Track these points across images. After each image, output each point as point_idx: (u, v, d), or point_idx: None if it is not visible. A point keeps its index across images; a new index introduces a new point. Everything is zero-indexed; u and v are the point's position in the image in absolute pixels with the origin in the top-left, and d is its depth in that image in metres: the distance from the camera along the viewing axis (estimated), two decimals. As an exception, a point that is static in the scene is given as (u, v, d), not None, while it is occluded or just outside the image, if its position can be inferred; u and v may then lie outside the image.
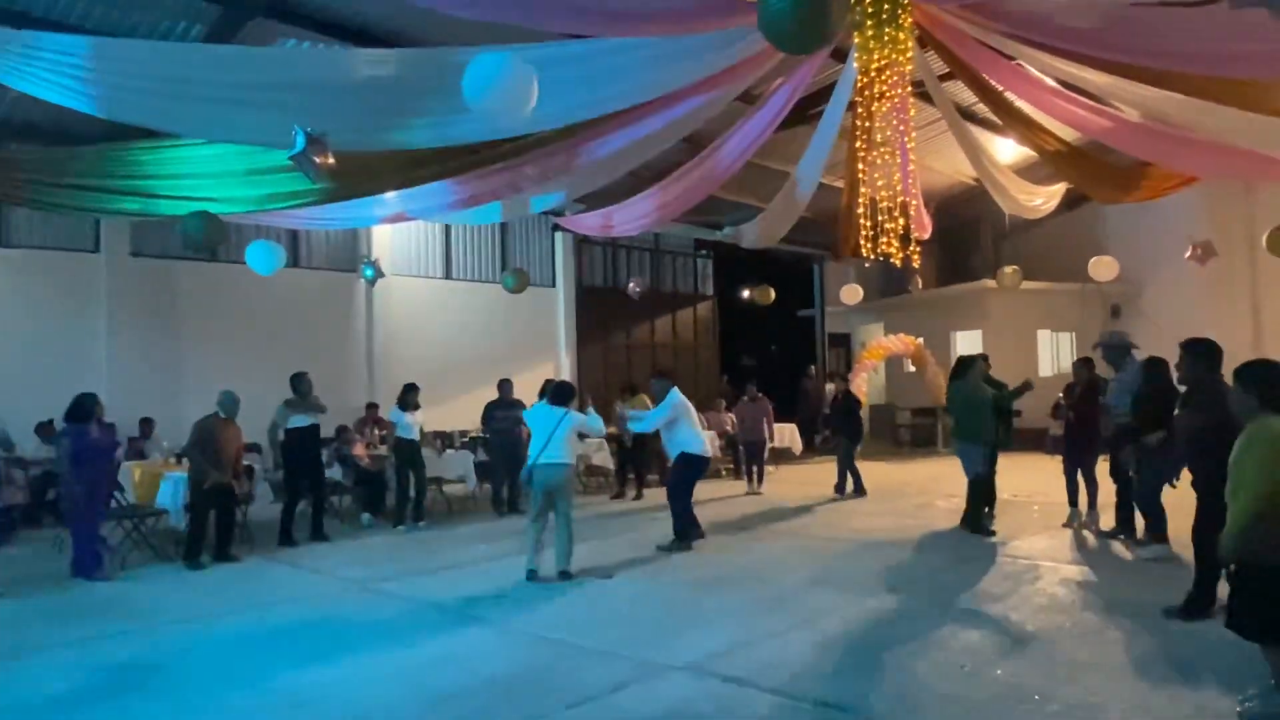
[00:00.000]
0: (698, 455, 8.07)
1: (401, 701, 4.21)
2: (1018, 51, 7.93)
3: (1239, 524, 3.53)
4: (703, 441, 8.16)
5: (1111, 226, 16.86)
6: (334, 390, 11.37)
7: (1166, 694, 4.01)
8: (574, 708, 4.03)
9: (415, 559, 7.75)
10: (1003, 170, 11.80)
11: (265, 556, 8.03)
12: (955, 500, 9.75)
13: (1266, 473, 3.50)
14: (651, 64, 6.72)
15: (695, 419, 8.30)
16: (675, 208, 10.94)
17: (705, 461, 8.27)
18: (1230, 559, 3.67)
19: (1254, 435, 3.60)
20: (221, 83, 6.19)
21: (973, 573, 6.66)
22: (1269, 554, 3.51)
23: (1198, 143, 8.78)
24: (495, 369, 11.50)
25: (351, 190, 7.95)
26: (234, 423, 7.96)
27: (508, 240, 15.53)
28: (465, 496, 10.68)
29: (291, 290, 12.21)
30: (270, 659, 4.98)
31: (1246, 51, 6.19)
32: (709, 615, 5.63)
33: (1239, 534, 3.53)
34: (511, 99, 4.77)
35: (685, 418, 8.10)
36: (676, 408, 8.05)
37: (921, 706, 3.95)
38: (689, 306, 18.86)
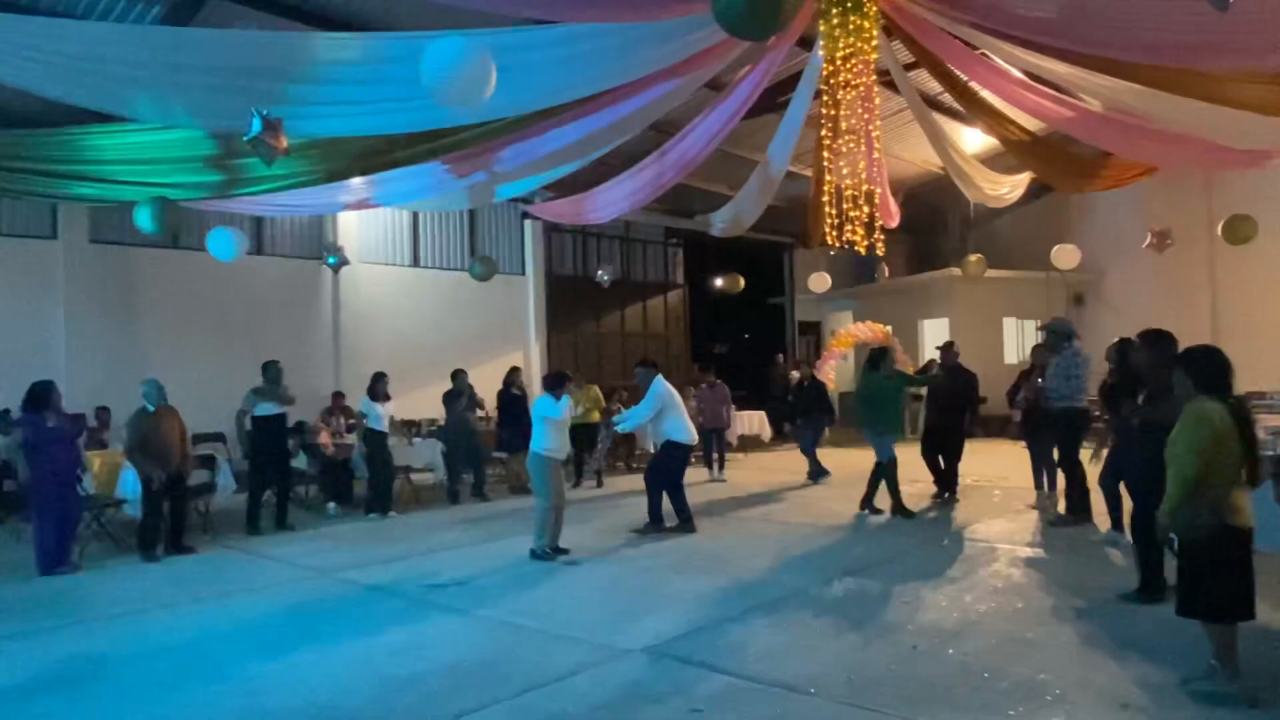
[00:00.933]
0: (682, 443, 8.04)
1: (357, 688, 4.21)
2: (982, 42, 8.01)
3: (1171, 502, 3.66)
4: (687, 428, 8.12)
5: (1074, 215, 17.12)
6: (299, 379, 11.27)
7: (1112, 671, 4.11)
8: (530, 691, 4.06)
9: (379, 547, 7.72)
10: (968, 159, 11.93)
11: (227, 546, 7.96)
12: (918, 485, 9.90)
13: (1197, 453, 3.61)
14: (615, 51, 6.71)
15: (681, 406, 8.24)
16: (644, 195, 10.95)
17: (688, 449, 8.19)
18: (1164, 536, 3.79)
19: (1188, 416, 3.71)
20: (178, 65, 6.10)
21: (931, 556, 6.77)
22: (1190, 533, 3.64)
23: (1157, 133, 8.94)
24: (463, 358, 11.46)
25: (315, 176, 7.89)
26: (170, 409, 7.73)
27: (476, 228, 15.43)
28: (433, 485, 10.64)
29: (255, 277, 12.07)
30: (227, 648, 4.95)
31: (1196, 42, 6.29)
32: (670, 600, 5.68)
33: (1171, 512, 3.67)
34: (469, 85, 4.74)
35: (671, 406, 8.07)
36: (660, 398, 8.02)
37: (874, 686, 4.01)
38: (659, 295, 18.87)
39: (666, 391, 8.09)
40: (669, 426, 8.06)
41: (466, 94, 4.82)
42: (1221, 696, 3.67)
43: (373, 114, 6.80)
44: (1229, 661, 3.72)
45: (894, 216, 12.10)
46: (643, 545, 7.47)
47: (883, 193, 10.86)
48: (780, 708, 3.80)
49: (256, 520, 8.47)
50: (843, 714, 3.72)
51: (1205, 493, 3.61)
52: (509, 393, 10.73)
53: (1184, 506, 3.64)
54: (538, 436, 7.01)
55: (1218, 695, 3.68)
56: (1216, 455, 3.62)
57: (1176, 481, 3.65)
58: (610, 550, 7.32)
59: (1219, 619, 3.75)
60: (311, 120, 6.79)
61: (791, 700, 3.87)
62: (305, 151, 7.31)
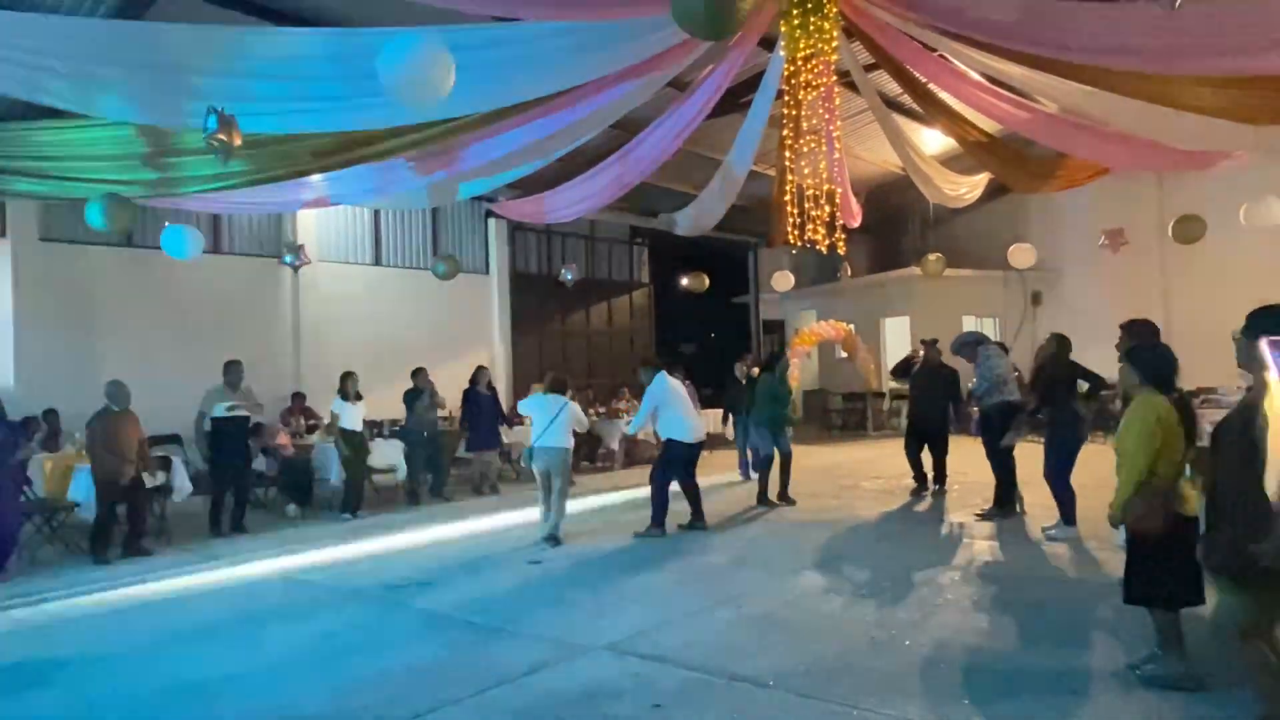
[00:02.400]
0: (679, 441, 7.79)
1: (313, 690, 4.17)
2: (940, 44, 8.12)
3: (1122, 494, 3.76)
4: (689, 427, 7.83)
5: (1031, 216, 17.42)
6: (258, 379, 11.05)
7: (1065, 658, 4.20)
8: (491, 690, 4.04)
9: (340, 549, 7.64)
10: (927, 160, 12.09)
11: (182, 549, 7.82)
12: (880, 482, 10.04)
13: (1144, 447, 3.71)
14: (575, 50, 6.71)
15: (684, 403, 8.01)
16: (608, 194, 10.94)
17: (687, 447, 7.84)
18: (1116, 526, 3.91)
19: (1135, 411, 3.81)
20: (129, 62, 5.98)
21: (890, 551, 6.86)
22: (1141, 524, 3.73)
23: (1110, 135, 9.14)
24: (426, 357, 11.36)
25: (273, 173, 7.78)
26: (130, 412, 7.62)
27: (439, 226, 15.31)
28: (394, 486, 10.55)
29: (212, 276, 11.85)
30: (180, 652, 4.88)
31: (1147, 45, 6.44)
32: (632, 596, 5.69)
33: (1121, 504, 3.76)
34: (427, 82, 4.71)
35: (671, 404, 7.86)
36: (654, 395, 7.86)
37: (832, 677, 4.06)
38: (624, 294, 18.89)
39: (666, 390, 7.86)
40: (666, 423, 7.88)
41: (424, 91, 4.78)
42: (1168, 680, 3.77)
43: (330, 110, 6.71)
44: (1175, 647, 3.82)
45: (855, 216, 12.22)
46: (604, 543, 7.47)
47: (844, 192, 10.98)
48: (740, 700, 3.83)
49: (219, 523, 8.34)
50: (801, 705, 3.76)
51: (1155, 485, 3.71)
52: (475, 391, 10.66)
53: (1134, 499, 3.72)
54: (562, 433, 7.53)
55: (1165, 679, 3.78)
56: (1163, 448, 3.71)
57: (1127, 474, 3.75)
58: (572, 549, 7.31)
59: (1166, 606, 3.85)
60: (267, 117, 6.69)
61: (751, 693, 3.91)
62: (262, 148, 7.20)
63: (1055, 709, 3.62)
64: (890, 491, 9.60)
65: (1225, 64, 6.58)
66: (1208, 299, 15.11)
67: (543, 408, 7.69)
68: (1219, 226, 11.26)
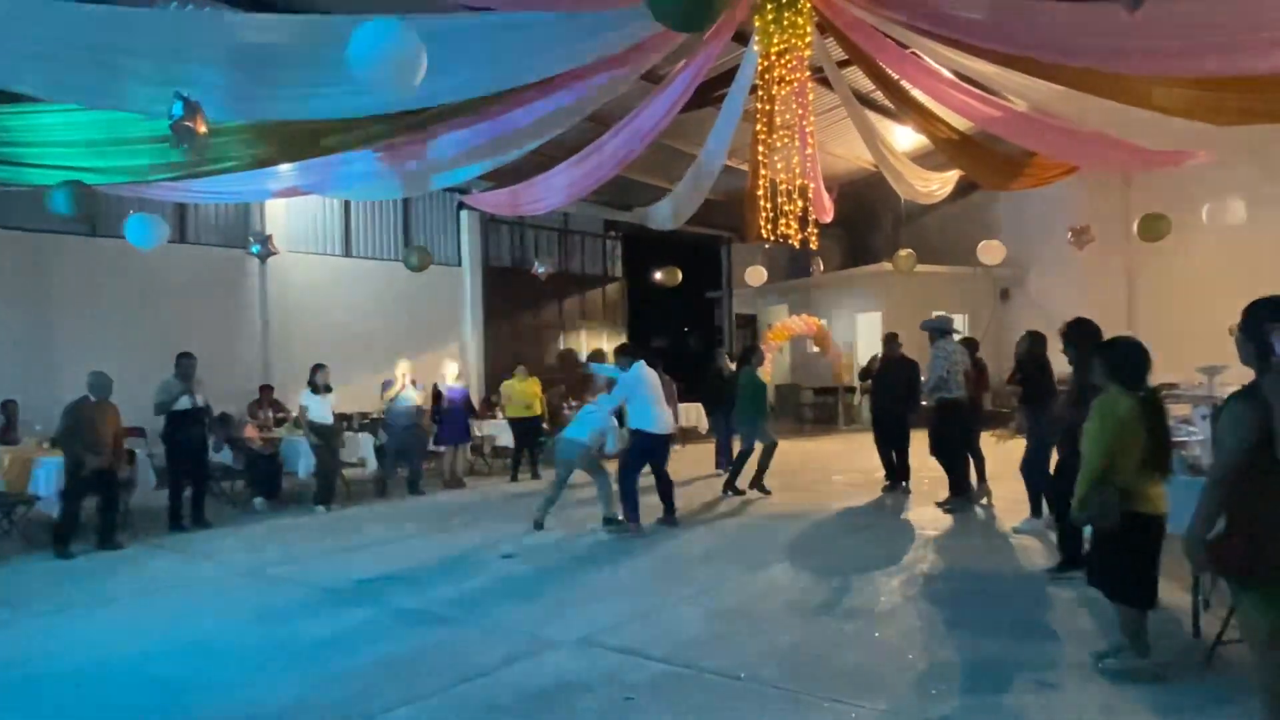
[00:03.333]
0: (646, 432, 7.61)
1: (282, 685, 4.12)
2: (912, 41, 8.18)
3: (1081, 490, 3.82)
4: (656, 418, 7.62)
5: (1000, 213, 17.62)
6: (225, 371, 10.98)
7: (1031, 650, 4.26)
8: (461, 684, 4.02)
9: (308, 543, 7.56)
10: (899, 157, 12.18)
11: (149, 544, 7.69)
12: (850, 475, 10.13)
13: (1104, 443, 3.77)
14: (549, 42, 6.65)
15: (657, 394, 7.79)
16: (582, 187, 10.90)
17: (654, 439, 7.66)
18: (1078, 521, 3.98)
19: (1097, 408, 3.86)
20: (94, 45, 5.83)
21: (860, 544, 6.92)
22: (1104, 518, 3.78)
23: (1078, 134, 9.26)
24: (397, 349, 11.25)
25: (241, 162, 7.65)
26: (110, 403, 7.57)
27: (411, 218, 15.16)
28: (366, 480, 10.45)
29: (178, 267, 11.65)
30: (149, 648, 4.80)
31: (1115, 45, 6.52)
32: (604, 590, 5.69)
33: (1080, 499, 3.83)
34: (397, 70, 4.65)
35: (642, 393, 7.66)
36: (626, 384, 7.73)
37: (803, 670, 4.09)
38: (598, 287, 18.85)
39: (637, 379, 7.65)
40: (634, 414, 7.81)
41: (396, 80, 4.72)
42: (1129, 673, 3.84)
43: (300, 99, 6.60)
44: (1137, 640, 3.88)
45: (828, 212, 12.29)
46: (576, 537, 7.46)
47: (816, 188, 11.02)
48: (710, 693, 3.84)
49: (179, 517, 8.21)
50: (771, 697, 3.78)
51: (1113, 482, 3.75)
52: (445, 385, 10.60)
53: (1092, 496, 3.77)
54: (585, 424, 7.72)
55: (1126, 672, 3.84)
56: (1121, 446, 3.75)
57: (1084, 472, 3.81)
58: (543, 543, 7.29)
59: (1126, 602, 3.90)
60: (236, 105, 6.58)
61: (722, 685, 3.93)
62: (230, 137, 7.09)
63: (1021, 700, 3.67)
64: (860, 485, 9.68)
65: (1190, 65, 6.69)
66: (1171, 296, 15.41)
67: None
68: (1183, 225, 11.48)
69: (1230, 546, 2.63)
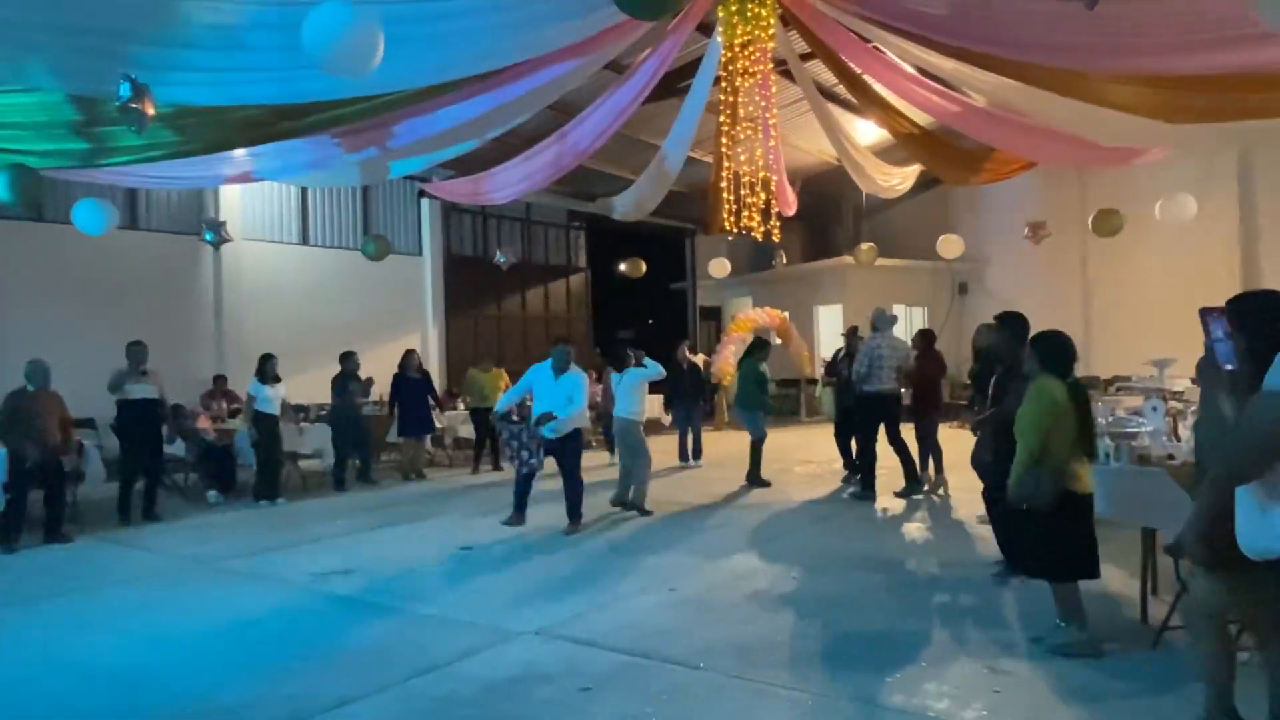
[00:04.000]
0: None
1: (235, 679, 4.04)
2: (874, 35, 8.22)
3: (1016, 474, 3.98)
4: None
5: (959, 207, 17.87)
6: (178, 361, 10.75)
7: (981, 636, 4.33)
8: (418, 676, 3.98)
9: (263, 536, 7.42)
10: (861, 150, 12.27)
11: (98, 537, 7.51)
12: (812, 466, 10.19)
13: (1038, 429, 3.93)
14: (510, 28, 6.56)
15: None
16: (544, 176, 10.82)
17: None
18: (1014, 504, 4.08)
19: (1031, 395, 4.03)
20: (39, 23, 5.64)
21: (820, 533, 6.98)
22: (1038, 500, 3.94)
23: (1036, 129, 9.38)
24: (356, 339, 11.11)
25: (194, 147, 7.46)
26: (51, 392, 7.35)
27: (370, 205, 14.95)
28: (321, 472, 10.30)
29: (128, 254, 11.36)
30: (96, 642, 4.69)
31: (1071, 42, 6.62)
32: (564, 582, 5.66)
33: (1016, 483, 3.98)
34: (355, 54, 4.55)
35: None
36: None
37: (761, 657, 4.10)
38: (561, 278, 18.77)
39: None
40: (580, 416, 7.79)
41: (352, 63, 4.63)
42: (1071, 648, 3.96)
43: (254, 82, 6.45)
44: (1075, 617, 4.02)
45: (791, 205, 12.34)
46: (535, 530, 7.41)
47: (779, 180, 11.06)
48: (669, 682, 3.84)
49: (127, 510, 8.01)
50: (730, 685, 3.80)
51: (1047, 463, 3.92)
52: (405, 376, 10.46)
53: (1028, 477, 3.94)
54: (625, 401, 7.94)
55: (1067, 647, 3.97)
56: (1056, 429, 3.93)
57: (1021, 454, 3.96)
58: (502, 535, 7.24)
59: (1065, 578, 4.06)
60: (188, 88, 6.41)
61: (680, 674, 3.93)
62: (182, 120, 6.90)
63: (975, 684, 3.72)
64: (820, 476, 9.77)
65: (1145, 63, 6.81)
66: (1125, 290, 15.75)
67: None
68: (1136, 221, 11.72)
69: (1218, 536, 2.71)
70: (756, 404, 9.57)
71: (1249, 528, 2.07)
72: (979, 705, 3.50)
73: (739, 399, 9.83)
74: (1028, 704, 3.52)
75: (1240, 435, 1.95)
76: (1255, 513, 2.03)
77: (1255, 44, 5.84)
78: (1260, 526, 2.02)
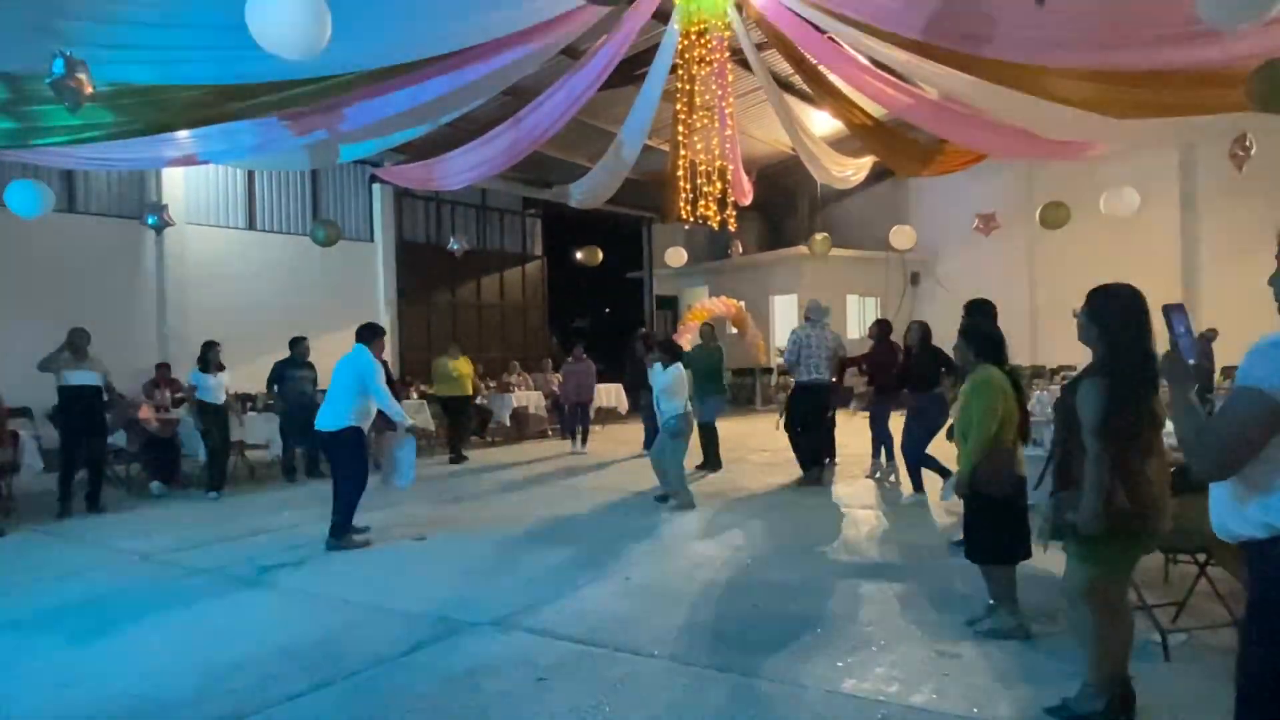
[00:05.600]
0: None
1: (179, 675, 3.93)
2: (829, 26, 8.26)
3: (969, 463, 4.04)
4: None
5: (911, 199, 18.13)
6: (119, 349, 10.41)
7: (931, 620, 4.40)
8: (370, 669, 3.91)
9: (208, 528, 7.25)
10: (816, 141, 12.35)
11: (35, 529, 7.27)
12: (767, 455, 10.26)
13: (989, 416, 4.00)
14: (463, 9, 6.47)
15: None
16: (499, 162, 10.70)
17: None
18: (964, 493, 4.15)
19: (978, 384, 4.10)
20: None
21: (776, 521, 7.04)
22: (989, 486, 4.03)
23: (986, 122, 9.54)
24: (305, 327, 10.87)
25: (134, 127, 7.21)
26: None
27: (319, 190, 14.64)
28: (270, 462, 10.09)
29: (66, 238, 10.99)
30: (35, 638, 4.54)
31: (1020, 36, 6.73)
32: (520, 572, 5.63)
33: (969, 471, 4.05)
34: (301, 32, 4.43)
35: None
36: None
37: (716, 644, 4.12)
38: (517, 266, 18.62)
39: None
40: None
41: (298, 42, 4.50)
42: (1003, 632, 4.06)
43: (196, 61, 6.27)
44: (1010, 600, 4.13)
45: (747, 194, 12.39)
46: (491, 518, 7.36)
47: (736, 169, 11.10)
48: (623, 670, 3.84)
49: (67, 501, 7.76)
50: (684, 672, 3.80)
51: (999, 448, 4.01)
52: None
53: (984, 463, 4.00)
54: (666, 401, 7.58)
55: (1000, 631, 4.07)
56: (1007, 414, 4.03)
57: (978, 441, 4.01)
58: (457, 524, 7.17)
59: (1005, 561, 4.16)
60: (126, 66, 6.19)
61: (635, 663, 3.92)
62: (121, 100, 6.66)
63: (924, 665, 3.78)
64: (776, 464, 9.84)
65: (1092, 58, 6.95)
66: (1070, 280, 16.09)
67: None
68: (1081, 213, 11.99)
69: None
70: (718, 389, 9.98)
71: (1223, 515, 2.13)
72: (928, 688, 3.56)
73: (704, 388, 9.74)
74: (975, 686, 3.58)
75: (1215, 434, 2.00)
76: (1230, 502, 2.09)
77: (1196, 41, 6.00)
78: (1235, 515, 2.08)
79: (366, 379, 6.34)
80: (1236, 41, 5.79)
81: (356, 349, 6.51)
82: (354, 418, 6.37)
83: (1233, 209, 14.38)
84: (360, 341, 6.57)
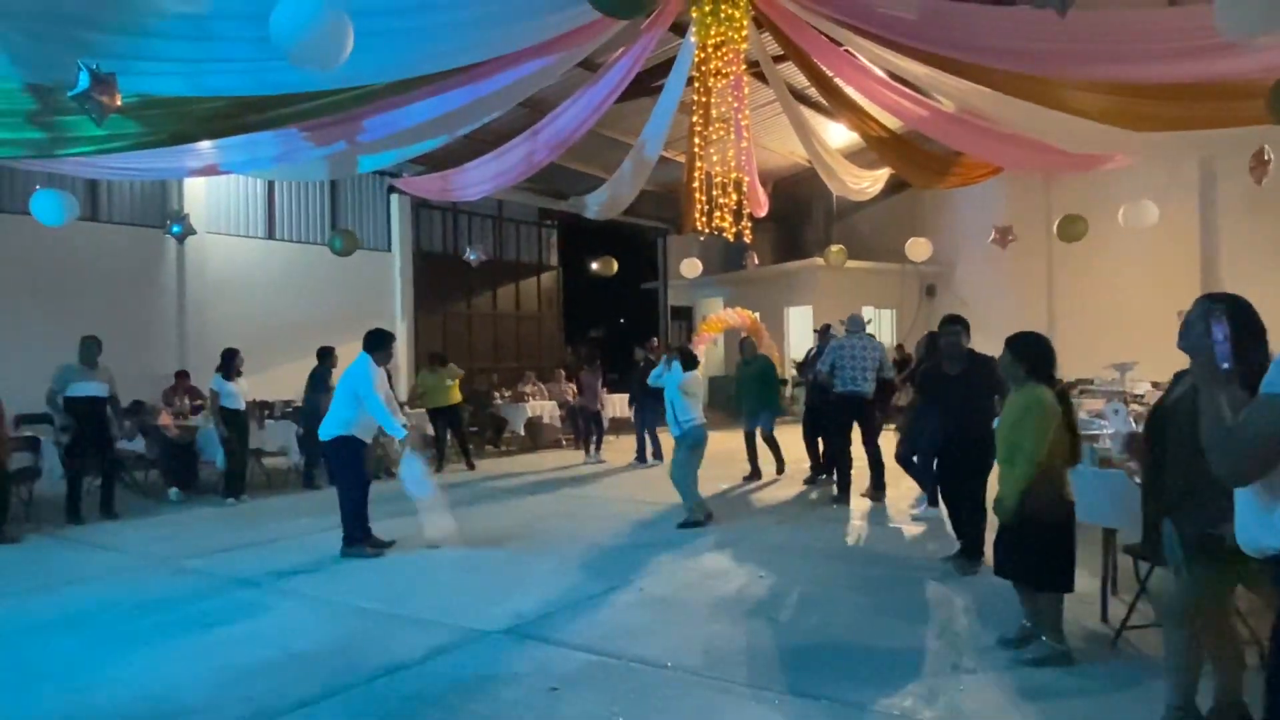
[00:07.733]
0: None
1: (195, 680, 3.96)
2: (845, 39, 8.27)
3: (1019, 487, 3.85)
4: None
5: (928, 211, 18.06)
6: (139, 356, 10.57)
7: (947, 635, 4.37)
8: (383, 677, 3.93)
9: (226, 534, 7.31)
10: (832, 153, 12.34)
11: (54, 536, 7.35)
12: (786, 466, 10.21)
13: (1040, 439, 3.82)
14: (481, 23, 6.52)
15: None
16: (515, 174, 10.76)
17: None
18: (1010, 519, 3.92)
19: (1030, 405, 3.90)
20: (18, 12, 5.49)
21: (788, 533, 7.01)
22: (1044, 512, 3.86)
23: (1002, 135, 9.51)
24: (322, 335, 10.95)
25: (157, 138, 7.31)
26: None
27: (338, 200, 14.76)
28: (286, 470, 10.15)
29: (89, 246, 11.13)
30: (53, 644, 4.58)
31: (1040, 50, 6.71)
32: (533, 580, 5.63)
33: (1019, 496, 3.85)
34: (323, 46, 4.49)
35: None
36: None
37: (730, 658, 4.11)
38: (533, 276, 18.68)
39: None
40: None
41: (321, 56, 4.56)
42: (1047, 662, 3.90)
43: (223, 73, 6.34)
44: (1056, 629, 3.96)
45: (763, 206, 12.39)
46: (506, 527, 7.38)
47: (751, 181, 11.11)
48: (636, 682, 3.84)
49: (78, 509, 7.84)
50: (697, 685, 3.79)
51: (1049, 473, 3.84)
52: None
53: (1030, 492, 3.82)
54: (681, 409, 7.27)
55: (1048, 659, 3.91)
56: (1057, 437, 3.85)
57: (1024, 464, 3.83)
58: (471, 533, 7.18)
59: (1060, 588, 3.96)
60: (151, 78, 6.27)
61: (647, 674, 3.92)
62: (146, 111, 6.75)
63: (941, 683, 3.76)
64: (790, 475, 9.81)
65: (1111, 71, 6.92)
66: (1088, 294, 16.02)
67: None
68: (1100, 226, 11.91)
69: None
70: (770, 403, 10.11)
71: (1250, 527, 2.11)
72: (943, 704, 3.53)
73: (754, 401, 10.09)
74: (991, 703, 3.56)
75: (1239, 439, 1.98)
76: (1257, 513, 2.07)
77: (1216, 54, 5.97)
78: (1264, 526, 2.06)
79: (359, 387, 6.32)
80: (1257, 54, 5.75)
81: (359, 357, 6.54)
82: (349, 427, 6.35)
83: (1253, 222, 14.24)
84: (364, 350, 6.58)
